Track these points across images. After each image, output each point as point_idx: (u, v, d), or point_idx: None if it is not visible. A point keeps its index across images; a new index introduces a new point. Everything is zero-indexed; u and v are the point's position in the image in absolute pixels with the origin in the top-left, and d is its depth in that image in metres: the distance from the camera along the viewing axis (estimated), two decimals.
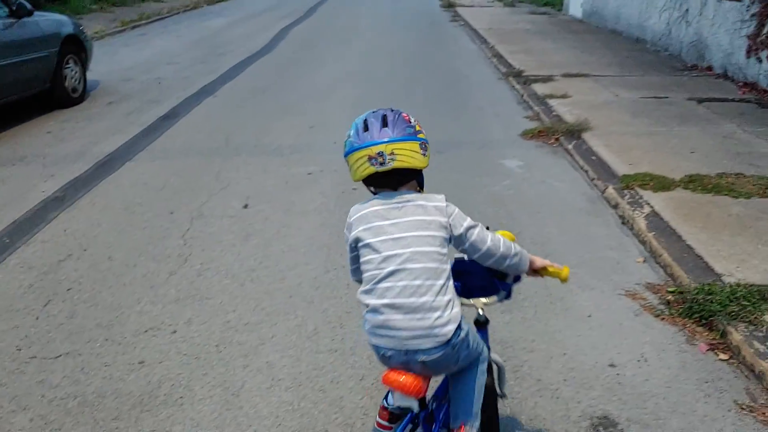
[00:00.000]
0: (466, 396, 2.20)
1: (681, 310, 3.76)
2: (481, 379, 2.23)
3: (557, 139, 6.97)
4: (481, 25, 15.79)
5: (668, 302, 3.88)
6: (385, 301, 2.02)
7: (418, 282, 2.01)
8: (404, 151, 2.14)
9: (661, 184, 5.44)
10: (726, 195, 5.23)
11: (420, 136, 2.21)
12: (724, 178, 5.56)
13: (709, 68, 10.14)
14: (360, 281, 2.15)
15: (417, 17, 18.11)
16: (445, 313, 2.01)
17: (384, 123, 2.19)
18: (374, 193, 2.25)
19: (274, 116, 7.97)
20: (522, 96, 8.93)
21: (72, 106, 8.42)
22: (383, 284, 2.04)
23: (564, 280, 2.32)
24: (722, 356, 3.40)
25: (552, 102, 8.30)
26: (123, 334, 3.58)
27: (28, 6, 7.83)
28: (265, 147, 6.78)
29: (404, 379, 2.03)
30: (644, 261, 4.43)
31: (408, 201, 2.15)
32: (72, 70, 8.54)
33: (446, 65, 11.41)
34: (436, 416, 2.33)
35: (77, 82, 8.64)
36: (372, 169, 2.14)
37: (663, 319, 3.73)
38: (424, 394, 2.12)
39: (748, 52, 9.11)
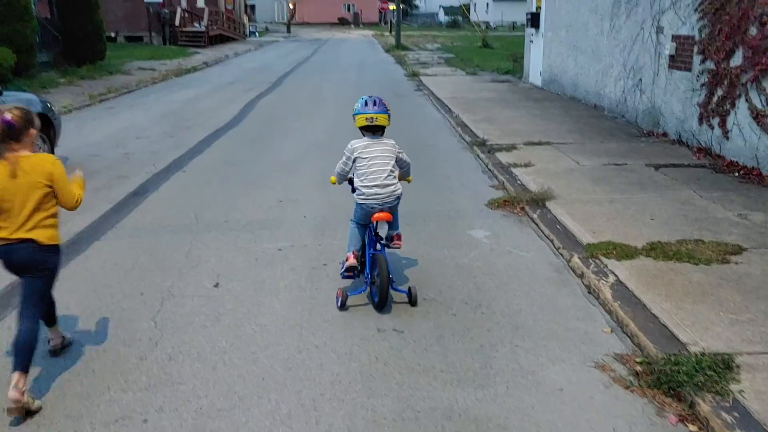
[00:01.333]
0: (396, 221, 5.10)
1: (649, 381, 3.83)
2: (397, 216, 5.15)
3: (522, 209, 7.14)
4: (445, 94, 16.25)
5: (637, 373, 3.95)
6: (373, 183, 4.82)
7: (384, 175, 4.84)
8: (381, 117, 4.94)
9: (624, 253, 5.59)
10: (687, 262, 5.39)
11: (388, 111, 5.03)
12: (684, 245, 5.74)
13: (665, 134, 10.54)
14: (344, 180, 5.13)
15: (382, 87, 18.54)
16: (396, 187, 4.91)
17: (374, 103, 4.97)
18: (364, 135, 5.01)
19: (243, 191, 8.04)
20: (487, 165, 9.17)
21: None
22: (370, 176, 4.84)
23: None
24: (691, 427, 3.46)
25: (516, 171, 8.53)
26: (93, 424, 3.52)
27: None
28: (234, 223, 6.82)
29: (383, 215, 4.85)
30: (611, 331, 4.52)
31: (380, 140, 4.98)
32: (40, 149, 8.54)
33: (412, 135, 11.67)
34: (376, 240, 5.06)
35: None
36: (365, 123, 4.95)
37: (633, 390, 3.80)
38: (391, 220, 5.01)
39: (700, 120, 9.52)
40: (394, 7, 45.81)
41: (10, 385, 3.50)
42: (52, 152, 8.95)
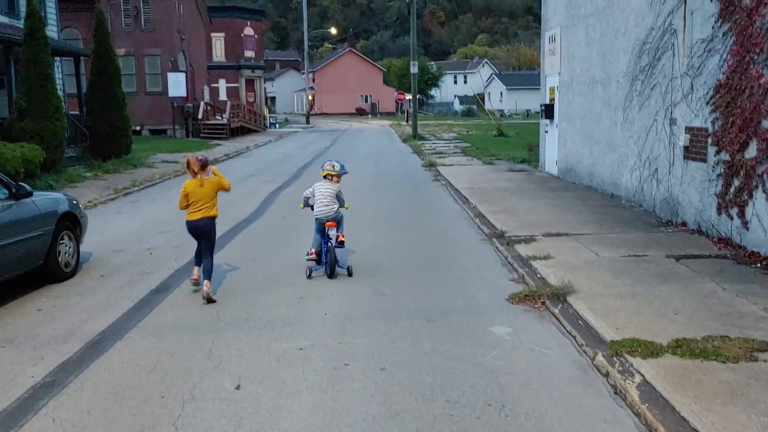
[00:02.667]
0: (340, 225, 8.73)
1: None
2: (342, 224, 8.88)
3: (543, 303, 7.11)
4: (462, 184, 16.48)
5: None
6: (322, 209, 8.47)
7: (327, 201, 8.49)
8: (329, 171, 8.66)
9: (649, 350, 5.52)
10: (714, 360, 5.30)
11: (335, 168, 8.69)
12: (710, 342, 5.66)
13: (684, 224, 10.56)
14: (307, 205, 8.76)
15: (400, 178, 18.92)
16: (335, 208, 8.53)
17: (329, 163, 8.77)
18: (324, 179, 8.67)
19: (265, 287, 8.10)
20: (506, 258, 9.19)
21: (64, 281, 8.53)
22: (321, 205, 8.49)
23: None
24: None
25: (535, 264, 8.53)
26: None
27: (28, 188, 8.16)
28: (255, 320, 6.84)
29: (330, 223, 8.43)
30: None
31: (330, 183, 8.62)
32: (66, 246, 8.73)
33: (431, 226, 11.77)
34: (329, 243, 8.45)
35: (71, 257, 8.81)
36: (323, 173, 8.70)
37: None
38: (335, 227, 8.50)
39: (719, 210, 9.55)
40: (410, 97, 47.10)
41: (203, 286, 7.54)
42: (78, 249, 9.13)
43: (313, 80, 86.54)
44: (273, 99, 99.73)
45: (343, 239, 8.69)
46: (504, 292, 7.63)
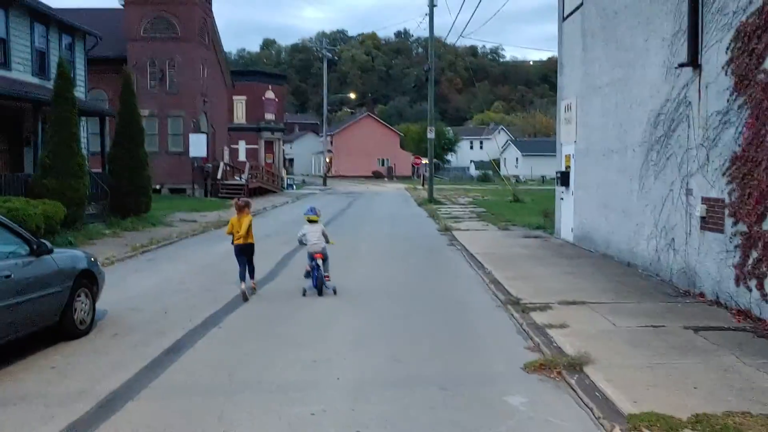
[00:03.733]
0: (327, 264, 11.61)
1: None
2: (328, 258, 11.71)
3: (559, 373, 7.00)
4: (477, 249, 16.48)
5: None
6: (313, 245, 11.42)
7: (315, 239, 11.46)
8: (314, 218, 11.72)
9: (669, 425, 5.39)
10: None
11: (318, 215, 11.90)
12: (731, 418, 5.53)
13: (702, 294, 10.45)
14: (301, 243, 11.80)
15: (415, 242, 18.96)
16: (323, 244, 11.45)
17: (311, 211, 11.84)
18: (308, 223, 11.68)
19: (278, 349, 8.07)
20: (521, 325, 9.11)
21: (79, 338, 8.55)
22: (311, 242, 11.45)
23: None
24: None
25: (551, 332, 8.45)
26: None
27: (48, 245, 8.27)
28: (268, 383, 6.79)
29: (318, 255, 11.44)
30: None
31: (317, 226, 11.63)
32: (83, 303, 8.79)
33: (445, 292, 11.74)
34: (319, 269, 11.45)
35: (86, 314, 8.85)
36: (307, 219, 11.70)
37: None
38: (322, 258, 11.49)
39: (737, 281, 9.46)
40: (427, 161, 47.42)
41: (246, 286, 11.58)
42: (94, 307, 9.17)
43: (331, 143, 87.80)
44: (291, 161, 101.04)
45: (328, 278, 11.64)
46: (519, 361, 7.54)
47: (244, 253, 11.51)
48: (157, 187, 34.03)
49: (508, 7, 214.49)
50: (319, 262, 11.36)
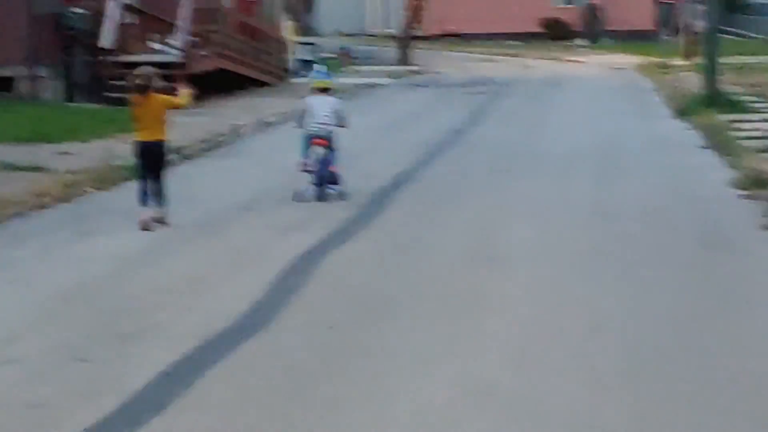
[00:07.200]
0: (334, 155, 8.21)
1: None
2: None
3: None
4: None
5: None
6: (316, 126, 8.16)
7: (327, 120, 8.22)
8: (328, 82, 8.91)
9: None
10: None
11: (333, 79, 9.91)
12: None
13: None
14: (300, 126, 8.35)
15: (663, 224, 7.30)
16: (332, 128, 8.30)
17: (327, 74, 9.37)
18: (315, 90, 8.60)
19: None
20: None
21: None
22: (316, 120, 8.16)
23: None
24: None
25: None
26: None
27: None
28: None
29: (322, 141, 8.05)
30: None
31: (326, 98, 8.51)
32: None
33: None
34: (326, 160, 8.06)
35: None
36: (316, 85, 8.75)
37: None
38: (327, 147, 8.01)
39: None
40: None
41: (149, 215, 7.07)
42: None
43: None
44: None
45: (334, 171, 8.11)
46: None
47: (149, 158, 7.26)
48: None
49: None
50: (321, 151, 7.92)
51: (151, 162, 7.24)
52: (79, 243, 7.00)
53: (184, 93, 7.57)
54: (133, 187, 7.68)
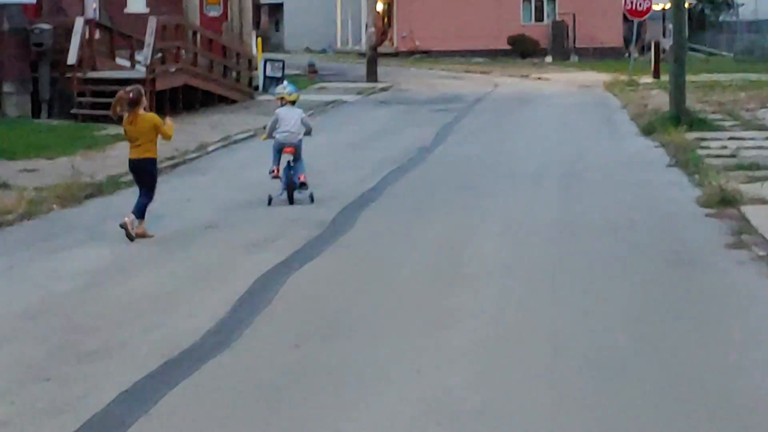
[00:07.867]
0: (301, 163, 9.00)
1: None
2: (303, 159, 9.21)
3: None
4: None
5: None
6: (285, 131, 9.01)
7: (294, 129, 9.07)
8: (294, 98, 9.49)
9: None
10: None
11: (299, 93, 10.33)
12: None
13: None
14: (270, 136, 9.21)
15: (631, 239, 7.38)
16: (300, 136, 9.14)
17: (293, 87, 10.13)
18: (282, 102, 9.38)
19: None
20: None
21: None
22: (283, 129, 9.03)
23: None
24: None
25: None
26: None
27: None
28: None
29: (290, 149, 8.93)
30: None
31: (295, 109, 9.43)
32: None
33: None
34: (292, 169, 8.90)
35: None
36: (282, 97, 9.52)
37: None
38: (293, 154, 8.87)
39: None
40: (667, 7, 22.09)
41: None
42: None
43: None
44: (278, 10, 46.61)
45: (304, 180, 8.82)
46: None
47: (140, 174, 7.72)
48: None
49: None
50: (289, 158, 8.83)
51: (143, 178, 7.68)
52: (43, 260, 6.97)
53: (169, 125, 7.84)
54: (98, 205, 7.53)
